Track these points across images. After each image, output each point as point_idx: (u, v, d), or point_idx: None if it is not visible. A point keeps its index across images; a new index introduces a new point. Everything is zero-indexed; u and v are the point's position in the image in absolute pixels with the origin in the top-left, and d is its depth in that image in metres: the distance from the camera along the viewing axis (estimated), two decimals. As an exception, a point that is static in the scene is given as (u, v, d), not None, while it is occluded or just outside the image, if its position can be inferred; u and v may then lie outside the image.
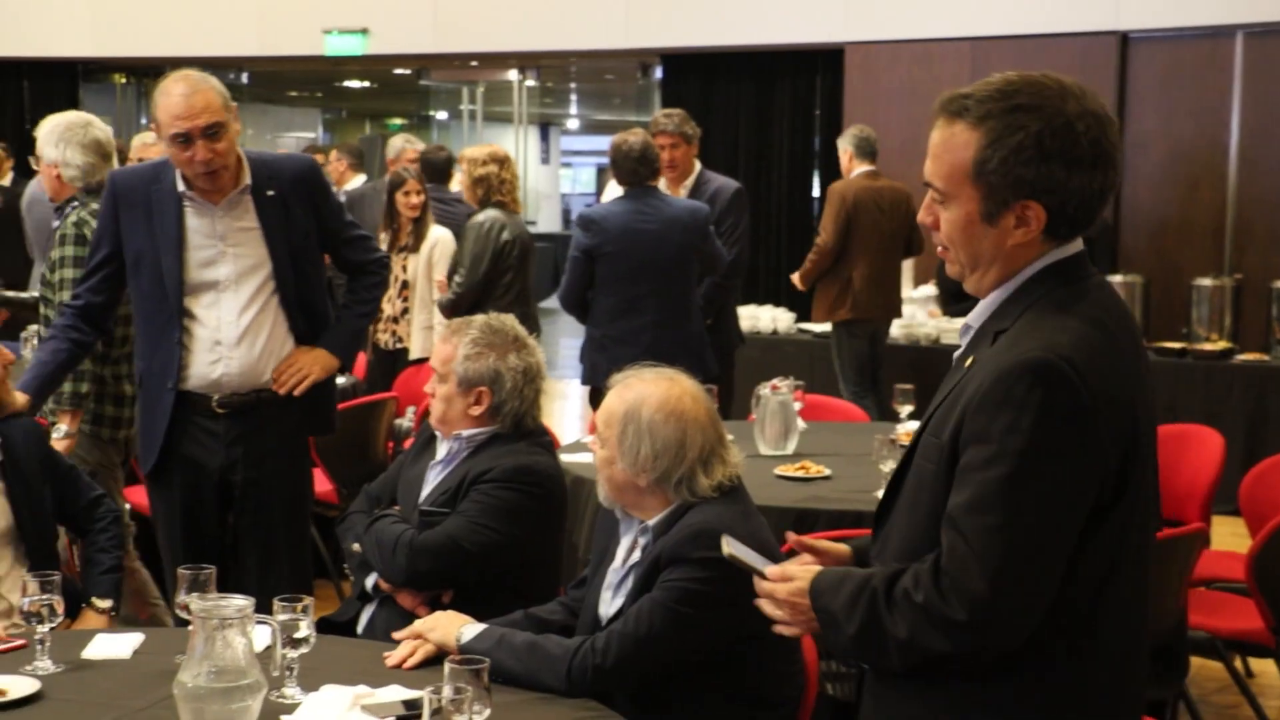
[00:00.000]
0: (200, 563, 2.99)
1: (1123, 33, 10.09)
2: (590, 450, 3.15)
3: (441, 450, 3.61)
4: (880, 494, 2.41)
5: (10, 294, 7.03)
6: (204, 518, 4.13)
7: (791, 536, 2.52)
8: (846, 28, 11.04)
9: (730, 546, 2.49)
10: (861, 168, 8.12)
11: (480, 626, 2.93)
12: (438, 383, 3.56)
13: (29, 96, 14.05)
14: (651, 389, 2.99)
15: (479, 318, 3.62)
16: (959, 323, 3.11)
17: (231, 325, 4.01)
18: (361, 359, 7.36)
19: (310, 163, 4.25)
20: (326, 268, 4.35)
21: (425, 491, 3.57)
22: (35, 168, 8.56)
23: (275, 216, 4.03)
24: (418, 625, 2.98)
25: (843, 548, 2.49)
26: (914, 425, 4.08)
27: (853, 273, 8.00)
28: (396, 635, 2.97)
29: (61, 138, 4.77)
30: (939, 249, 2.30)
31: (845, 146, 8.23)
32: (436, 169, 8.33)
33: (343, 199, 8.43)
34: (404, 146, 9.08)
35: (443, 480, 3.54)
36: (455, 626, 2.93)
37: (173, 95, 3.85)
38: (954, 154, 2.19)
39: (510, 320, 3.63)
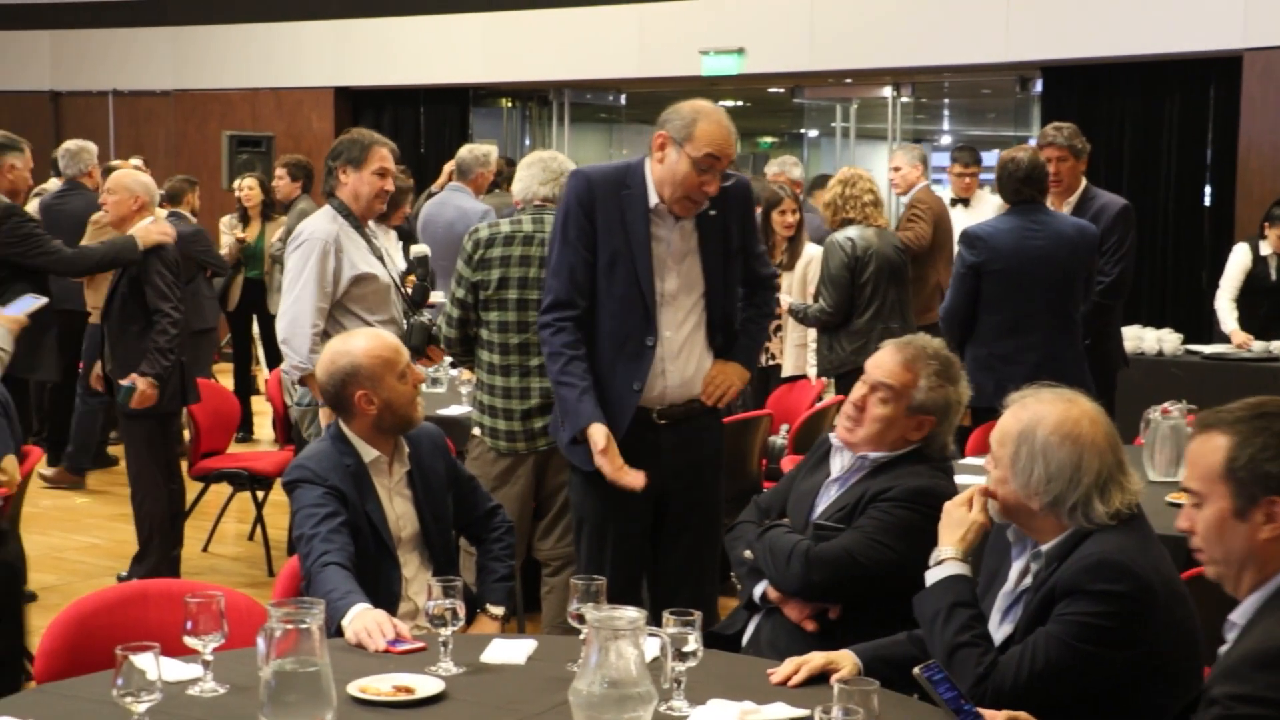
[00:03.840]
0: (625, 567, 3.05)
1: None
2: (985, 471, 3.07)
3: (837, 467, 3.61)
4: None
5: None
6: (634, 524, 4.20)
7: None
8: (1246, 34, 10.47)
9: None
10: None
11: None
12: (879, 401, 3.53)
13: (425, 121, 14.84)
14: (1049, 410, 2.90)
15: (933, 343, 3.62)
16: None
17: (671, 338, 4.11)
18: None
19: (746, 183, 4.28)
20: None
21: (820, 507, 3.58)
22: (432, 188, 9.06)
23: (714, 236, 4.13)
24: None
25: None
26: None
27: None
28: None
29: (542, 170, 5.03)
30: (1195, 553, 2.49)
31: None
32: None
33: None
34: (783, 166, 9.14)
35: (839, 497, 3.55)
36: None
37: (720, 125, 3.96)
38: (1207, 458, 2.44)
39: (947, 348, 3.64)
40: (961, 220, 8.32)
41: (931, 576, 2.97)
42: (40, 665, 3.17)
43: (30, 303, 5.10)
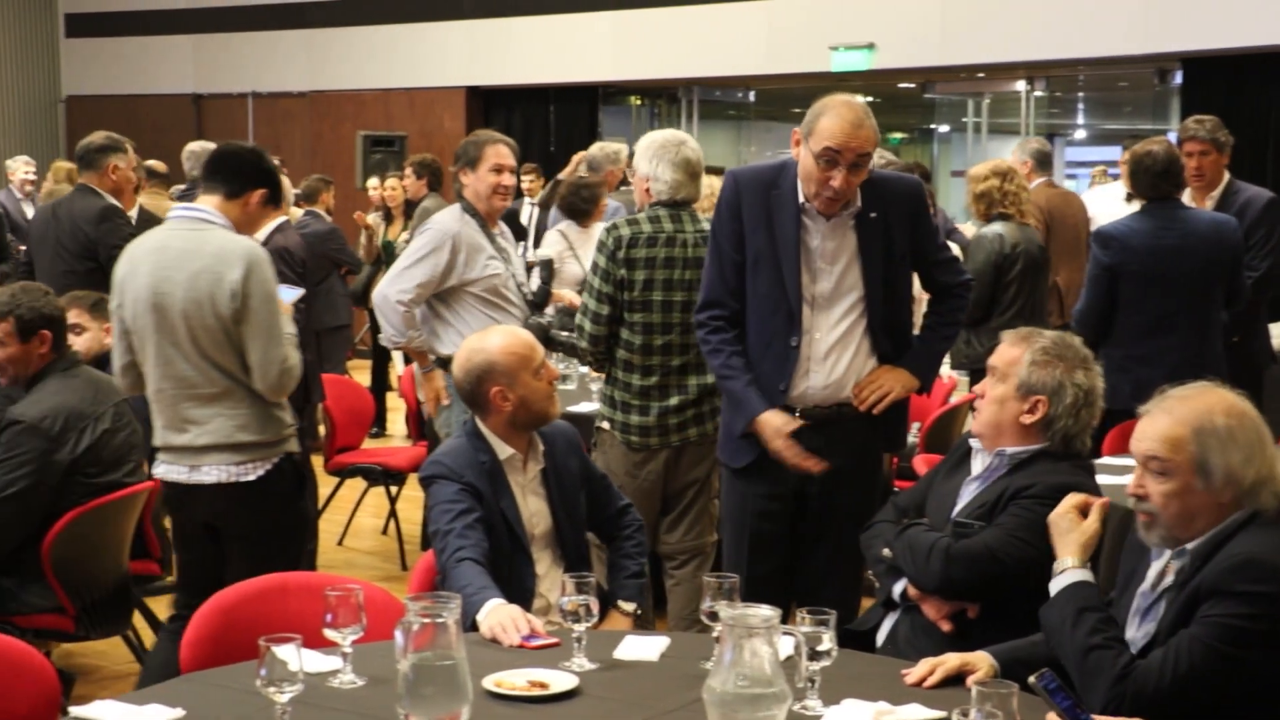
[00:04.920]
0: (762, 566, 3.05)
1: None
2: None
3: (978, 466, 3.58)
4: None
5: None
6: (774, 523, 4.19)
7: None
8: (1395, 21, 10.17)
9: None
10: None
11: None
12: (994, 383, 3.53)
13: (554, 120, 14.95)
14: (1206, 398, 2.83)
15: (1054, 332, 3.59)
16: None
17: (820, 341, 4.07)
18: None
19: (916, 184, 4.22)
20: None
21: (959, 506, 3.55)
22: (559, 176, 9.10)
23: (874, 240, 4.05)
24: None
25: None
26: None
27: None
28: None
29: (656, 154, 5.00)
30: None
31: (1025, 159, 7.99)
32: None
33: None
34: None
35: (979, 495, 3.52)
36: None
37: (841, 118, 3.89)
38: None
39: (1079, 341, 3.58)
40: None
41: (1055, 586, 2.93)
42: (186, 654, 3.25)
43: (294, 293, 5.15)
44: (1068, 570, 2.94)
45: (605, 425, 4.98)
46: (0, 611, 4.42)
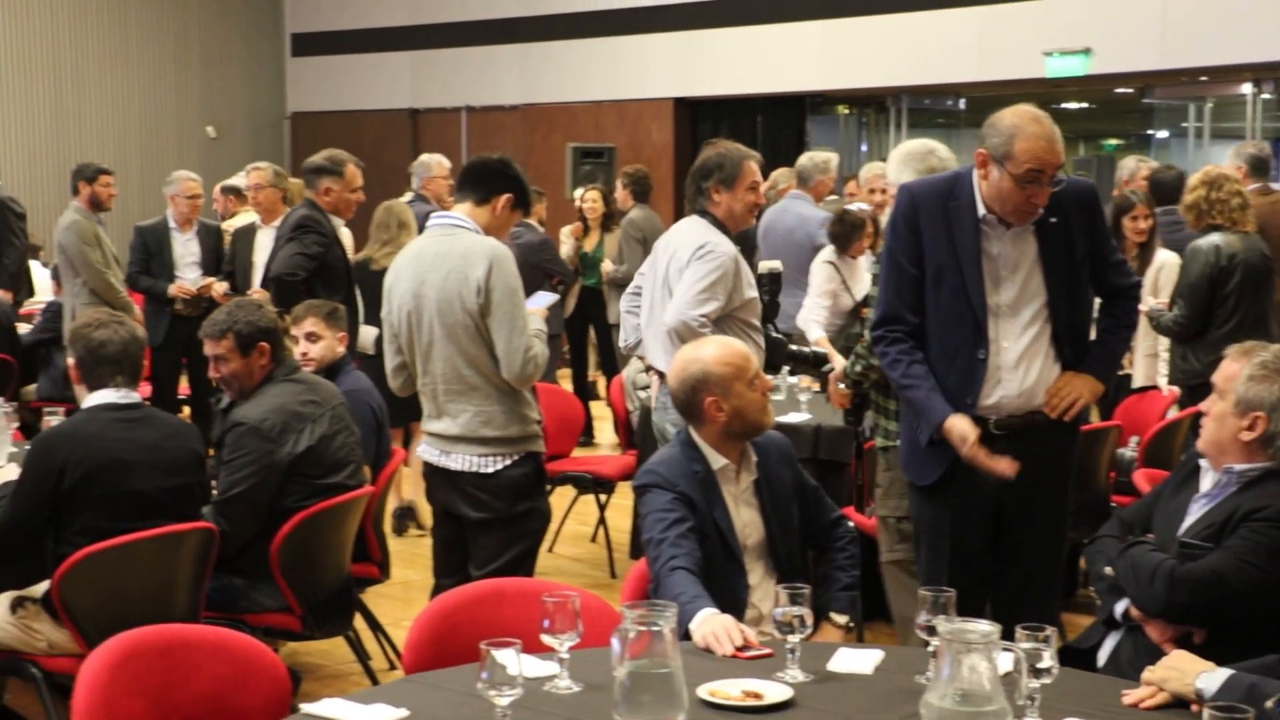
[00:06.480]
0: (964, 580, 3.02)
1: None
2: None
3: (1207, 483, 3.49)
4: None
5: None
6: (972, 537, 4.15)
7: None
8: None
9: None
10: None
11: (1223, 674, 2.78)
12: (1215, 399, 3.48)
13: (762, 130, 14.95)
14: None
15: (1277, 345, 3.51)
16: None
17: (1009, 350, 4.02)
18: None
19: (1090, 188, 4.15)
20: None
21: (1186, 523, 3.46)
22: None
23: (1056, 246, 4.01)
24: (1149, 675, 2.85)
25: None
26: None
27: None
28: (1146, 677, 2.86)
29: (902, 163, 5.00)
30: None
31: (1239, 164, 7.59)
32: (1166, 189, 8.02)
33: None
34: (1137, 167, 8.82)
35: (1207, 513, 3.43)
36: (1192, 672, 2.80)
37: (1038, 136, 3.85)
38: None
39: None
40: None
41: None
42: (408, 656, 3.34)
43: (549, 299, 5.27)
44: None
45: (880, 441, 4.91)
46: (232, 610, 4.61)
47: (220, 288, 8.50)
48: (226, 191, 10.33)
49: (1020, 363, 4.02)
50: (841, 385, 5.26)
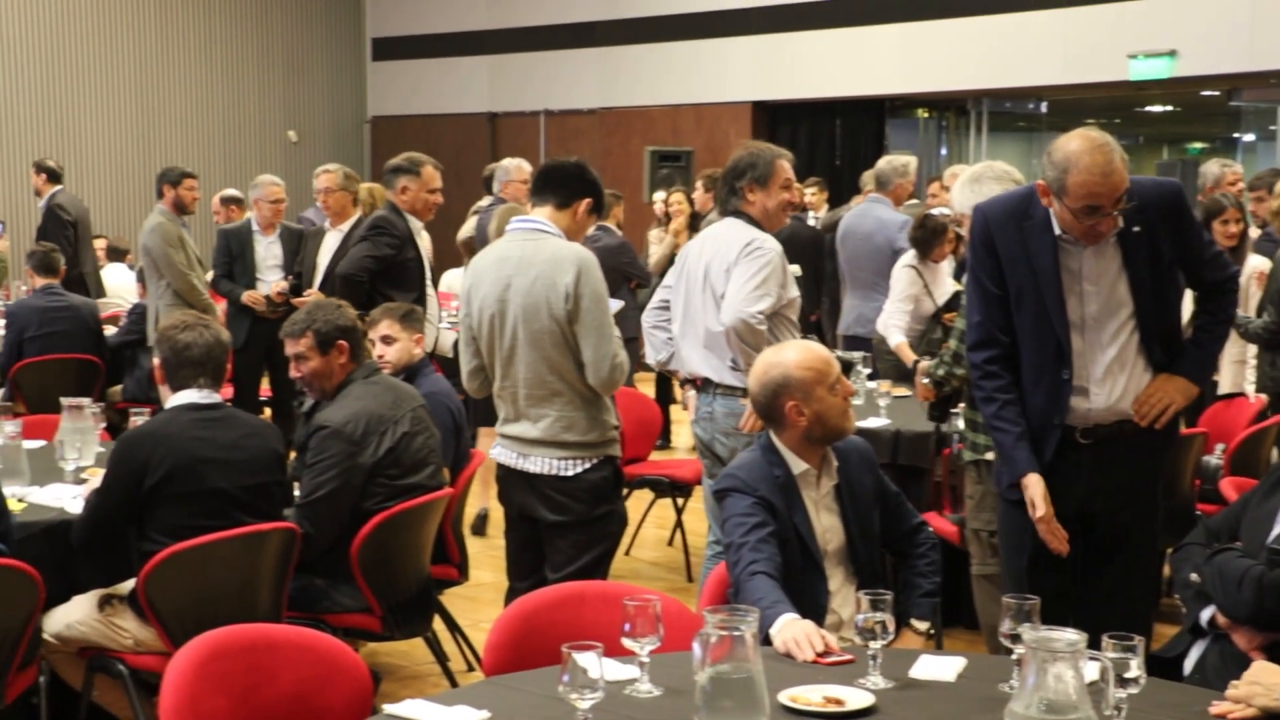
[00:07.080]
0: (1048, 588, 2.99)
1: None
2: None
3: (1294, 490, 3.43)
4: None
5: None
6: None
7: None
8: None
9: None
10: None
11: None
12: None
13: (840, 133, 14.90)
14: None
15: None
16: None
17: (1096, 363, 3.97)
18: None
19: (1175, 188, 4.05)
20: None
21: (1276, 530, 3.40)
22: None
23: (1140, 254, 3.93)
24: (1234, 693, 2.80)
25: None
26: None
27: None
28: (1230, 694, 2.81)
29: (962, 189, 4.96)
30: None
31: None
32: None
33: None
34: (1221, 173, 8.69)
35: (1297, 521, 3.36)
36: (1278, 685, 2.74)
37: (1091, 171, 3.74)
38: None
39: None
40: None
41: None
42: (488, 658, 3.35)
43: (615, 305, 5.30)
44: None
45: (969, 455, 4.85)
46: (314, 610, 4.64)
47: (279, 286, 8.58)
48: (226, 202, 10.45)
49: (1107, 377, 3.96)
50: (925, 380, 5.22)
